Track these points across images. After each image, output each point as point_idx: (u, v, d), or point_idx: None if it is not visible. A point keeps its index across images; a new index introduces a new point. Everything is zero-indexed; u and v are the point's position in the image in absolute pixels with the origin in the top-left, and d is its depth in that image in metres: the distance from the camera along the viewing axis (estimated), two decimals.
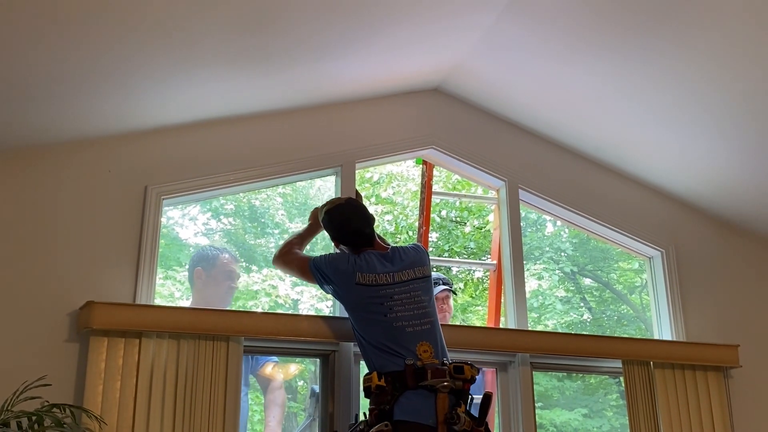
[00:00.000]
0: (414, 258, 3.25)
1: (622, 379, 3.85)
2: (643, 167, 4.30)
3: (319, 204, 3.50)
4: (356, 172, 3.84)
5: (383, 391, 2.89)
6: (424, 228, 4.13)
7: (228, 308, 3.72)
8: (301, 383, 6.07)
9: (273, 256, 3.44)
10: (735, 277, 4.43)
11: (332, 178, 3.92)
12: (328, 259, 3.24)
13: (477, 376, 3.00)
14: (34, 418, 2.67)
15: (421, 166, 4.22)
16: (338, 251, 3.35)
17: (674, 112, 3.79)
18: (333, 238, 3.35)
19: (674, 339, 4.12)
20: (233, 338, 3.18)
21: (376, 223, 3.40)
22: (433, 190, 4.21)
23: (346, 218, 3.29)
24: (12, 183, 3.22)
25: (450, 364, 2.96)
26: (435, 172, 4.26)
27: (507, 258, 4.04)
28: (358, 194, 3.74)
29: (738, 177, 4.14)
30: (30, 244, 3.17)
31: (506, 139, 4.22)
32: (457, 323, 6.67)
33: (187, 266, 4.31)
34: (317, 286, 3.32)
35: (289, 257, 3.37)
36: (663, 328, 4.20)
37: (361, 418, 2.97)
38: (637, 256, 4.49)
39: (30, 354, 3.01)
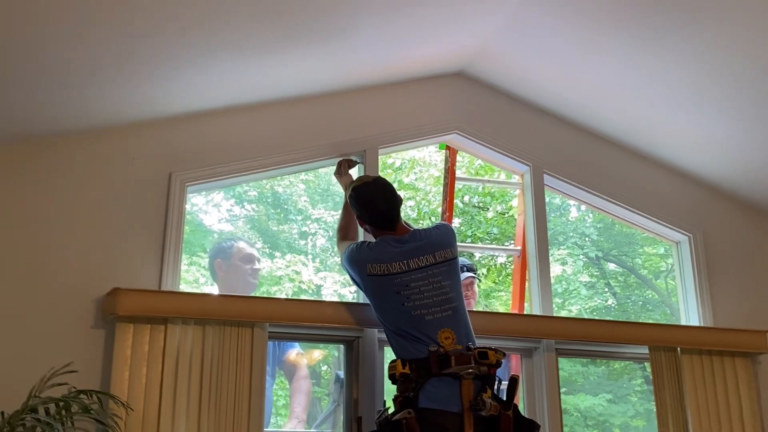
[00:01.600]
0: (436, 240, 3.16)
1: (647, 364, 3.80)
2: (671, 150, 4.24)
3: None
4: (378, 157, 3.82)
5: (407, 378, 2.87)
6: (447, 214, 4.11)
7: (252, 295, 3.74)
8: (324, 368, 6.09)
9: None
10: (763, 262, 4.37)
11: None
12: (347, 254, 3.23)
13: (502, 360, 2.98)
14: (61, 404, 2.69)
15: (444, 151, 4.19)
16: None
17: (702, 93, 3.73)
18: (357, 217, 3.32)
19: (701, 325, 4.07)
20: (258, 324, 3.18)
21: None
22: (456, 175, 4.18)
23: (372, 197, 3.22)
24: (39, 171, 3.24)
25: (475, 349, 2.93)
26: (458, 158, 4.23)
27: (532, 243, 4.00)
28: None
29: (767, 159, 4.07)
30: (56, 231, 3.19)
31: (531, 123, 4.18)
32: (481, 309, 6.65)
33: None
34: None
35: (341, 251, 3.36)
36: (690, 314, 4.16)
37: (389, 404, 2.96)
38: (663, 241, 4.44)
39: (57, 340, 3.04)
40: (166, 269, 3.27)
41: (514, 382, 2.93)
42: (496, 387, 2.93)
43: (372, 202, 3.21)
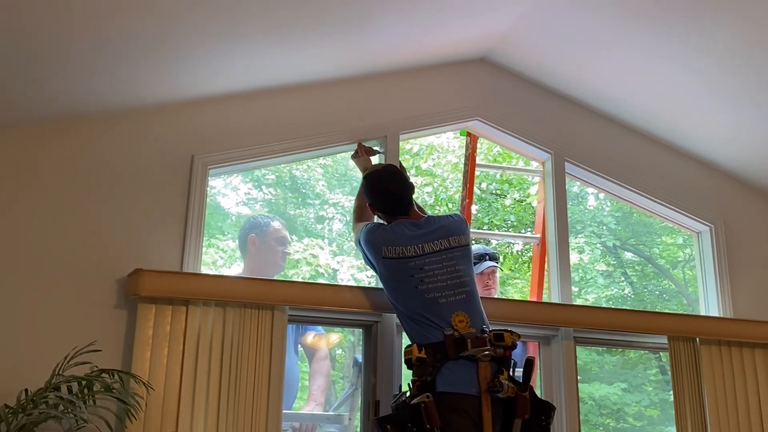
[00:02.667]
0: (450, 226, 3.18)
1: (662, 354, 3.80)
2: (693, 139, 4.21)
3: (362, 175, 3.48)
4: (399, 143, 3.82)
5: (424, 362, 2.88)
6: (467, 200, 4.10)
7: (273, 278, 3.75)
8: (339, 352, 6.12)
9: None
10: None
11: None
12: (363, 233, 3.24)
13: (518, 343, 2.99)
14: (84, 382, 2.72)
15: (465, 137, 4.17)
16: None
17: (729, 82, 3.69)
18: (369, 205, 3.34)
19: (721, 315, 4.06)
20: (278, 307, 3.20)
21: (415, 195, 3.36)
22: (476, 162, 4.17)
23: (382, 183, 3.27)
24: (63, 151, 3.26)
25: (490, 331, 2.95)
26: (477, 147, 4.22)
27: (552, 231, 3.99)
28: (401, 166, 3.72)
29: None
30: (80, 211, 3.21)
31: (552, 110, 4.16)
32: (497, 296, 6.65)
33: (233, 235, 4.37)
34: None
35: (355, 232, 3.38)
36: (710, 304, 4.14)
37: (405, 389, 2.97)
38: (684, 230, 4.41)
39: (80, 320, 3.06)
40: (187, 251, 3.29)
41: (530, 363, 2.93)
42: (512, 368, 2.95)
43: (382, 188, 3.26)
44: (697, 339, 3.81)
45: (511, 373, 2.94)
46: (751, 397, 3.80)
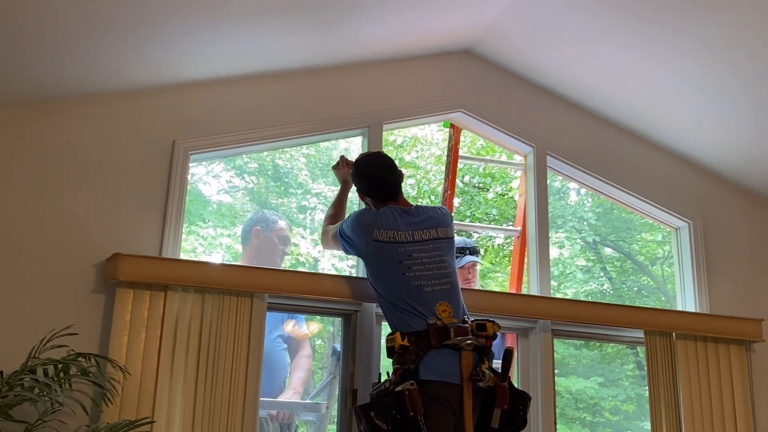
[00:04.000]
0: (438, 218, 3.21)
1: (639, 349, 3.83)
2: (675, 137, 4.24)
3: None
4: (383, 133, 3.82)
5: (407, 350, 2.89)
6: (449, 192, 4.11)
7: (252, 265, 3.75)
8: (319, 342, 6.11)
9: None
10: (762, 251, 4.39)
11: (359, 140, 3.90)
12: (349, 220, 3.24)
13: (498, 334, 3.01)
14: (60, 366, 2.71)
15: (448, 129, 4.18)
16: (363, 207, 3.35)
17: (709, 80, 3.72)
18: (358, 190, 3.34)
19: (698, 311, 4.09)
20: (257, 294, 3.19)
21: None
22: (459, 154, 4.17)
23: (372, 167, 3.30)
24: (42, 134, 3.23)
25: (472, 321, 2.97)
26: (460, 138, 4.22)
27: (532, 224, 4.01)
28: None
29: None
30: (58, 195, 3.19)
31: (536, 104, 4.17)
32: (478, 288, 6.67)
33: (214, 222, 4.34)
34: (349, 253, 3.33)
35: (327, 236, 3.40)
36: (687, 300, 4.18)
37: (384, 377, 2.98)
38: (663, 226, 4.45)
39: (57, 303, 3.04)
40: (167, 236, 3.27)
41: (509, 354, 2.96)
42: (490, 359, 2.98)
43: (373, 173, 3.29)
44: (674, 334, 3.84)
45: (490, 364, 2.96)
46: (725, 392, 3.85)
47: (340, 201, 3.55)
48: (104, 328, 3.05)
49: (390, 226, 3.12)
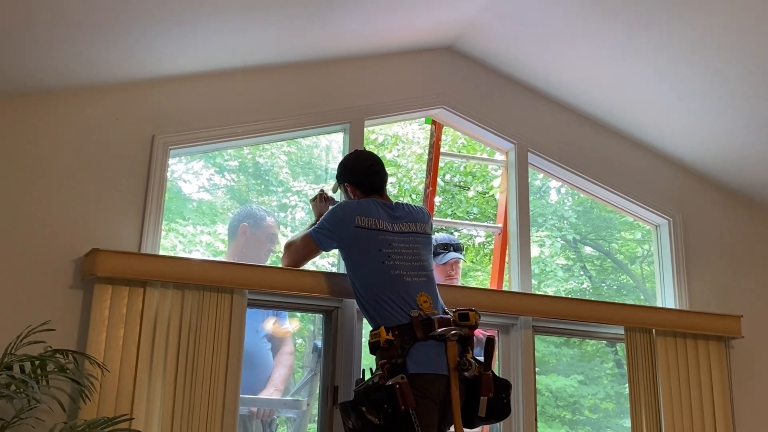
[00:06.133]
0: (416, 215, 3.27)
1: (618, 347, 3.85)
2: (655, 135, 4.26)
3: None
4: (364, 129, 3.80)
5: (392, 344, 2.89)
6: (430, 188, 4.11)
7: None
8: (300, 341, 6.09)
9: (282, 261, 3.39)
10: (741, 248, 4.42)
11: (340, 137, 3.88)
12: (327, 215, 3.24)
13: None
14: (37, 362, 2.68)
15: (430, 126, 4.17)
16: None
17: (689, 79, 3.74)
18: (347, 182, 3.33)
19: (677, 308, 4.12)
20: (237, 291, 3.17)
21: None
22: (440, 151, 4.17)
23: (364, 161, 3.36)
24: (19, 128, 3.19)
25: (454, 312, 3.00)
26: (441, 136, 4.22)
27: (513, 221, 4.02)
28: None
29: (748, 147, 4.10)
30: (36, 189, 3.15)
31: (517, 101, 4.18)
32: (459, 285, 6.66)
33: (194, 220, 4.29)
34: (325, 252, 3.34)
35: (291, 247, 3.34)
36: (666, 297, 4.20)
37: (368, 374, 2.96)
38: (643, 224, 4.47)
39: (34, 299, 3.01)
40: (146, 232, 3.24)
41: (491, 342, 2.99)
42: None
43: (364, 167, 3.33)
44: (654, 330, 3.86)
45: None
46: (704, 388, 3.87)
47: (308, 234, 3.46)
48: (82, 324, 3.01)
49: (371, 214, 3.15)
